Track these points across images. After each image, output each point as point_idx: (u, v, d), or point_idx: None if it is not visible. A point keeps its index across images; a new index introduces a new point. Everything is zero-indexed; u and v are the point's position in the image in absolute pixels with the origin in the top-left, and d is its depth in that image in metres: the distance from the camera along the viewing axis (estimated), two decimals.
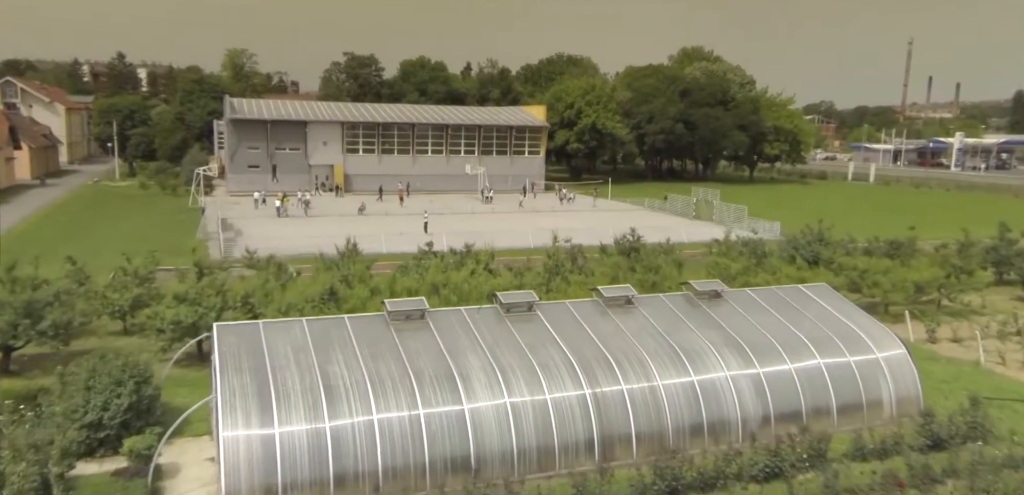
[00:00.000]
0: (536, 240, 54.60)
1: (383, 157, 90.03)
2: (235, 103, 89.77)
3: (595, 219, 69.18)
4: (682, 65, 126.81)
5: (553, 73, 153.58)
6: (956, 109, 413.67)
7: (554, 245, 37.70)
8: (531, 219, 68.21)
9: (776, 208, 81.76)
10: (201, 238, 53.70)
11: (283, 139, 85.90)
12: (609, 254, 41.98)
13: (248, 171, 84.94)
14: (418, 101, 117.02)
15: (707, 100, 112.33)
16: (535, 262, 46.94)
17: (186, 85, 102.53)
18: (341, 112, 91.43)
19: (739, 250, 42.72)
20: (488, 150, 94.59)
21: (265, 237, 54.36)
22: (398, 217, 67.59)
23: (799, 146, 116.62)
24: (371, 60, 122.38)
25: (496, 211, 73.75)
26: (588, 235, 58.30)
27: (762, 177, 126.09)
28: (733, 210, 65.86)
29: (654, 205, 78.29)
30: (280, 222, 62.92)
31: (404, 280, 29.73)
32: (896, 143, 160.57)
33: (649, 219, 70.33)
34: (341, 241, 54.73)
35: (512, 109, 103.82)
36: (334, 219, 65.30)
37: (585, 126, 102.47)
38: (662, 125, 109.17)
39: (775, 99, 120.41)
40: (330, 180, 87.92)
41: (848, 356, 23.37)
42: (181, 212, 68.18)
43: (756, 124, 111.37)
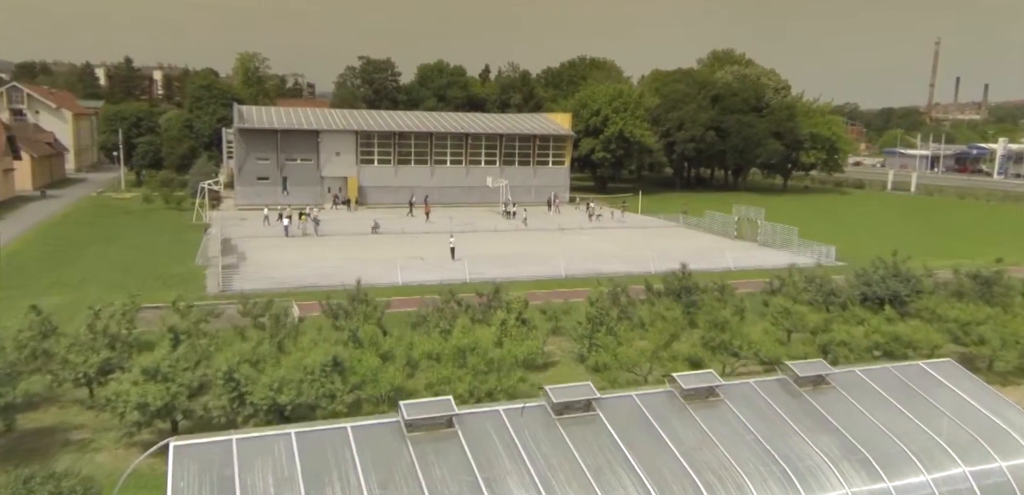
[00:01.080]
0: (570, 266, 49.38)
1: (399, 168, 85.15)
2: (244, 111, 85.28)
3: (628, 239, 63.84)
4: (712, 69, 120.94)
5: (575, 77, 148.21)
6: (985, 110, 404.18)
7: (596, 291, 32.34)
8: (560, 239, 63.00)
9: (820, 224, 76.07)
10: (200, 264, 48.98)
11: (294, 149, 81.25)
12: (657, 294, 36.68)
13: (257, 183, 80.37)
14: (436, 107, 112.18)
15: (740, 106, 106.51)
16: (572, 297, 41.82)
17: (195, 91, 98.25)
18: (355, 120, 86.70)
19: (803, 286, 37.31)
20: (510, 160, 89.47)
21: (269, 264, 49.56)
22: (416, 236, 62.60)
23: (837, 154, 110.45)
24: (387, 64, 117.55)
25: (521, 229, 68.58)
26: (626, 261, 53.09)
27: (795, 186, 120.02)
28: (780, 230, 60.22)
29: (689, 222, 72.77)
30: (287, 243, 58.14)
31: (423, 342, 24.63)
32: (933, 148, 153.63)
33: (686, 239, 64.91)
34: (352, 269, 49.98)
35: (535, 117, 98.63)
36: (346, 239, 60.42)
37: (611, 134, 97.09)
38: (693, 133, 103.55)
39: (812, 104, 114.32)
40: (343, 193, 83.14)
41: (999, 461, 18.04)
42: (184, 230, 63.61)
43: (792, 132, 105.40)
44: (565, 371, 30.11)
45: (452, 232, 51.74)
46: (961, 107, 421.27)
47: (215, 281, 42.72)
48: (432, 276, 46.14)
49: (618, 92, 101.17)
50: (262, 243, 57.52)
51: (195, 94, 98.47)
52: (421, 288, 43.60)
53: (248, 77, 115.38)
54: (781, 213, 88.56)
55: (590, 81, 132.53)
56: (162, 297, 40.04)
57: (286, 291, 41.93)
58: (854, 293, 38.10)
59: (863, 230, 74.21)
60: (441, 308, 31.56)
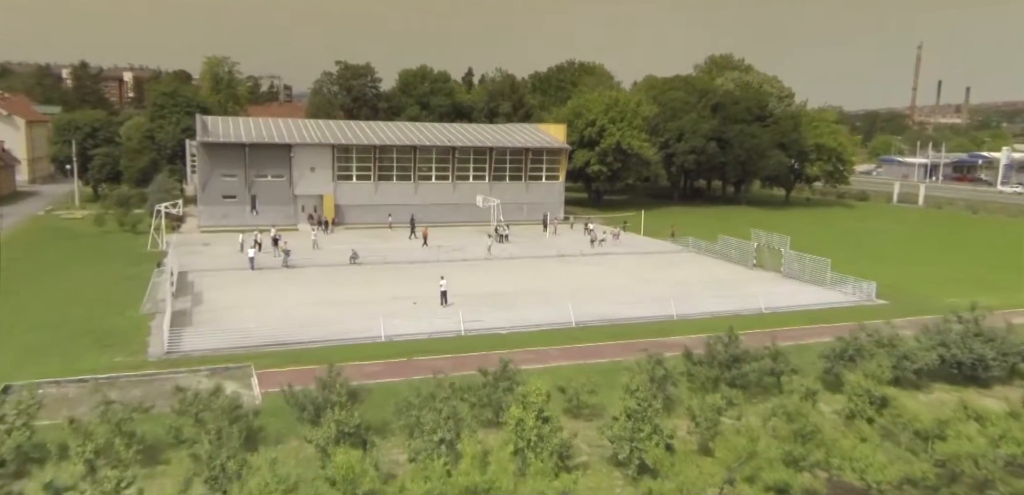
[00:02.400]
0: (578, 308, 42.52)
1: (380, 185, 77.95)
2: (208, 123, 77.63)
3: (637, 269, 57.19)
4: (711, 76, 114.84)
5: (564, 82, 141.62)
6: (966, 113, 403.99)
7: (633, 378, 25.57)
8: (561, 269, 56.19)
9: (837, 246, 70.06)
10: (147, 311, 41.56)
11: (264, 165, 73.78)
12: (697, 363, 30.01)
13: (223, 203, 72.82)
14: (419, 116, 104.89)
15: (742, 115, 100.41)
16: (589, 356, 35.02)
17: (157, 99, 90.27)
18: (332, 132, 79.34)
19: (870, 350, 30.80)
20: (500, 175, 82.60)
21: (229, 309, 42.27)
22: (399, 268, 55.50)
23: (843, 166, 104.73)
24: (366, 70, 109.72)
25: (517, 256, 61.69)
26: (640, 299, 46.28)
27: (797, 199, 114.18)
28: (808, 261, 53.85)
29: (700, 247, 66.31)
30: (252, 279, 50.80)
31: (418, 485, 17.65)
32: (932, 156, 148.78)
33: (701, 268, 58.43)
34: (326, 315, 42.61)
35: (527, 128, 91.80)
36: (321, 273, 53.18)
37: (608, 146, 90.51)
38: (693, 143, 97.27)
39: (817, 113, 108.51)
40: (318, 212, 75.80)
41: None
42: (136, 260, 56.02)
43: (797, 143, 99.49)
44: (599, 478, 23.43)
45: (443, 276, 44.73)
46: (942, 110, 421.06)
47: (161, 338, 35.42)
48: (420, 327, 39.17)
49: (614, 100, 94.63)
50: (223, 279, 50.14)
51: (157, 102, 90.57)
52: (408, 345, 36.63)
53: (217, 83, 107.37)
54: (788, 230, 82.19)
55: (581, 87, 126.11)
56: (92, 363, 32.85)
57: (246, 351, 34.84)
58: (930, 357, 31.74)
59: (888, 255, 68.23)
60: (436, 398, 24.59)
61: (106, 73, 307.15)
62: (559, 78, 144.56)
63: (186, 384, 30.69)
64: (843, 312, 45.44)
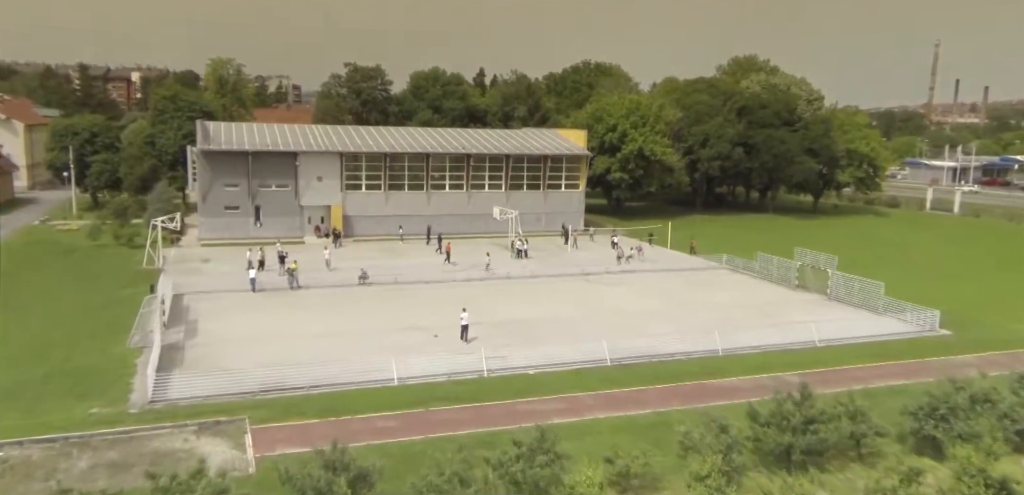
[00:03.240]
0: (613, 341, 38.02)
1: (391, 195, 73.75)
2: (210, 129, 73.65)
3: (670, 290, 52.68)
4: (735, 77, 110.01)
5: (580, 84, 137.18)
6: (983, 112, 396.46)
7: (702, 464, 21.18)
8: (588, 291, 51.77)
9: (875, 260, 65.80)
10: (135, 345, 37.49)
11: (268, 174, 69.70)
12: (765, 425, 25.60)
13: (225, 214, 68.81)
14: (431, 120, 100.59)
15: (770, 120, 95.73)
16: (628, 406, 30.63)
17: (158, 102, 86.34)
18: (339, 139, 75.18)
19: (966, 409, 26.34)
20: (517, 184, 78.25)
21: (225, 343, 38.13)
22: (412, 290, 51.26)
23: (875, 173, 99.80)
24: (376, 72, 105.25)
25: (538, 275, 57.32)
26: (680, 329, 40.73)
27: (824, 206, 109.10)
28: (857, 285, 49.26)
29: (735, 265, 61.79)
30: (253, 304, 46.67)
31: None
32: (962, 159, 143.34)
33: (739, 290, 53.89)
34: (333, 350, 38.03)
35: (545, 133, 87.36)
36: (328, 296, 49.00)
37: (630, 152, 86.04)
38: (718, 149, 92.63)
39: (847, 116, 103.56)
40: (326, 224, 71.72)
41: None
42: (130, 280, 52.02)
43: (829, 148, 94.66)
44: None
45: (465, 308, 40.39)
46: (960, 108, 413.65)
47: (145, 383, 31.27)
48: (438, 366, 34.87)
49: (635, 104, 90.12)
50: (222, 304, 46.04)
51: (158, 106, 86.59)
52: (425, 390, 32.41)
53: (222, 85, 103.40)
54: (820, 242, 77.93)
55: (598, 90, 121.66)
56: (64, 417, 28.76)
57: (241, 399, 30.74)
58: None
59: (938, 271, 63.59)
60: (461, 475, 20.35)
61: (114, 73, 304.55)
62: (574, 79, 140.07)
63: (168, 447, 26.63)
64: (906, 345, 40.96)
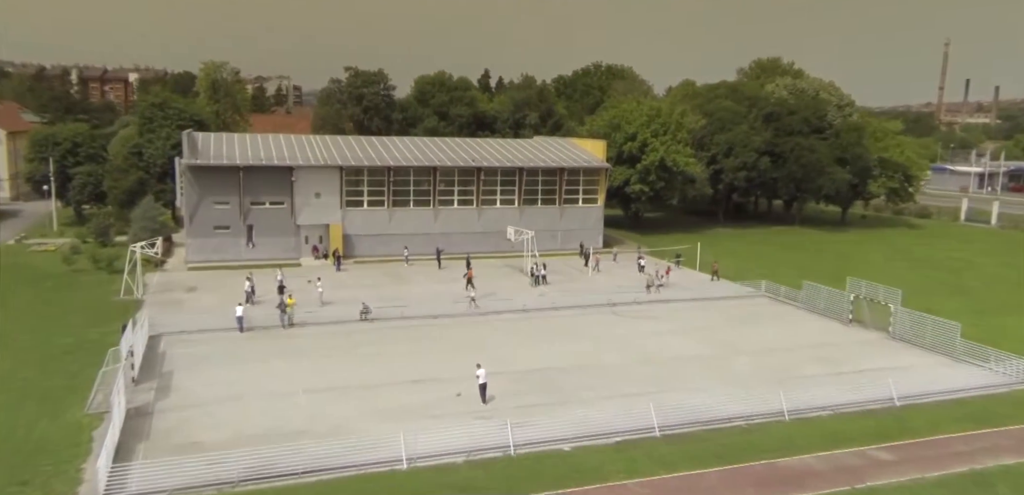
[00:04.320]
0: (657, 401, 32.09)
1: (395, 212, 67.94)
2: (199, 141, 67.94)
3: (710, 327, 46.62)
4: (759, 81, 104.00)
5: (591, 87, 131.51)
6: (994, 113, 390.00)
7: None
8: (617, 329, 45.80)
9: (923, 283, 60.15)
10: (95, 410, 31.70)
11: (262, 190, 63.94)
12: None
13: (214, 234, 63.05)
14: (437, 128, 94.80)
15: (799, 127, 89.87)
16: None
17: (145, 110, 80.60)
18: (339, 151, 69.32)
19: None
20: (532, 198, 72.41)
21: (203, 405, 32.27)
22: (422, 329, 45.43)
23: (910, 183, 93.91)
24: (379, 76, 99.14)
25: (560, 306, 51.40)
26: (730, 379, 32.73)
27: (851, 217, 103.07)
28: (930, 326, 43.33)
29: (775, 292, 55.94)
30: (239, 348, 40.86)
31: None
32: (989, 165, 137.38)
33: (786, 325, 48.01)
34: (331, 415, 32.16)
35: (560, 143, 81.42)
36: (324, 338, 43.16)
37: (651, 163, 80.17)
38: (744, 159, 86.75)
39: (880, 123, 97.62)
40: (324, 244, 65.95)
41: None
42: (102, 315, 46.27)
43: (861, 157, 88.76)
44: None
45: (480, 366, 34.54)
46: (967, 108, 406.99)
47: (98, 474, 25.42)
48: (455, 441, 29.04)
49: (656, 111, 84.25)
50: (204, 349, 40.25)
51: (146, 114, 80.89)
52: (440, 476, 26.64)
53: (215, 91, 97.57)
54: (857, 261, 72.57)
55: (611, 94, 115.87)
56: None
57: (217, 491, 24.98)
58: None
59: (1001, 301, 57.52)
60: None
61: (111, 74, 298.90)
62: (585, 82, 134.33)
63: None
64: (1003, 403, 35.13)
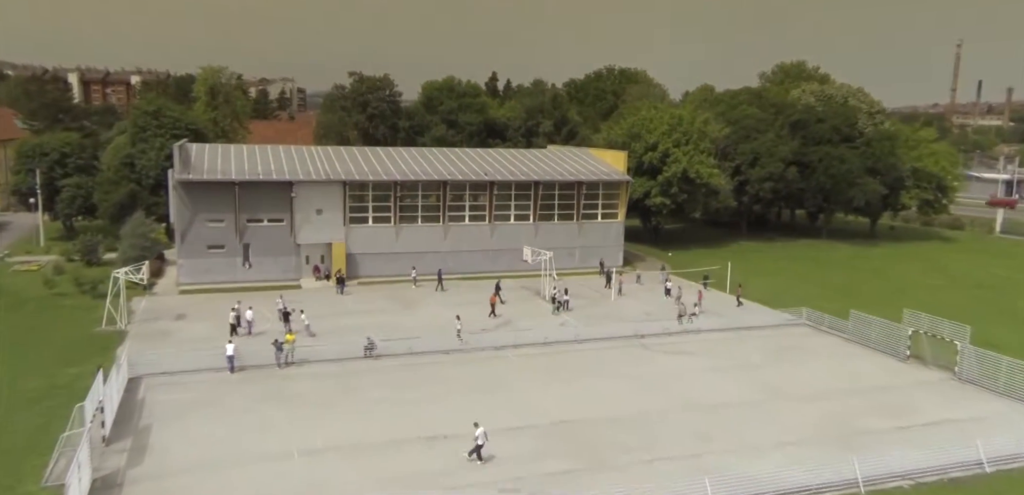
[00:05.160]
0: (706, 464, 27.39)
1: (402, 229, 63.39)
2: (192, 153, 63.56)
3: (751, 366, 41.78)
4: (784, 87, 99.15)
5: (604, 91, 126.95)
6: (1007, 114, 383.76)
7: None
8: (651, 366, 41.07)
9: (972, 305, 55.24)
10: (52, 483, 27.20)
11: (259, 207, 59.46)
12: None
13: (207, 255, 58.65)
14: (446, 136, 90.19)
15: (828, 136, 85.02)
16: None
17: (139, 118, 76.17)
18: (343, 164, 64.75)
19: None
20: (548, 214, 67.76)
21: (181, 473, 27.62)
22: (433, 369, 40.82)
23: (944, 194, 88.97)
24: (384, 82, 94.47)
25: (583, 340, 46.63)
26: (795, 451, 31.64)
27: (880, 229, 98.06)
28: (1004, 367, 38.55)
29: (818, 321, 51.15)
30: (227, 395, 36.29)
31: None
32: (1017, 171, 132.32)
33: (835, 360, 43.25)
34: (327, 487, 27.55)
35: (577, 154, 76.70)
36: (324, 380, 38.57)
37: (674, 175, 75.43)
38: (770, 169, 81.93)
39: (913, 131, 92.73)
40: (326, 265, 61.43)
41: None
42: (81, 350, 41.82)
43: (894, 167, 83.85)
44: None
45: (479, 428, 29.79)
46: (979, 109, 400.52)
47: None
48: None
49: (677, 119, 79.51)
50: (188, 395, 35.71)
51: (139, 123, 76.44)
52: None
53: (214, 97, 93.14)
54: (894, 278, 68.04)
55: (626, 99, 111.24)
56: None
57: None
58: None
59: None
60: None
61: (113, 76, 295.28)
62: (597, 86, 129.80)
63: None
64: None
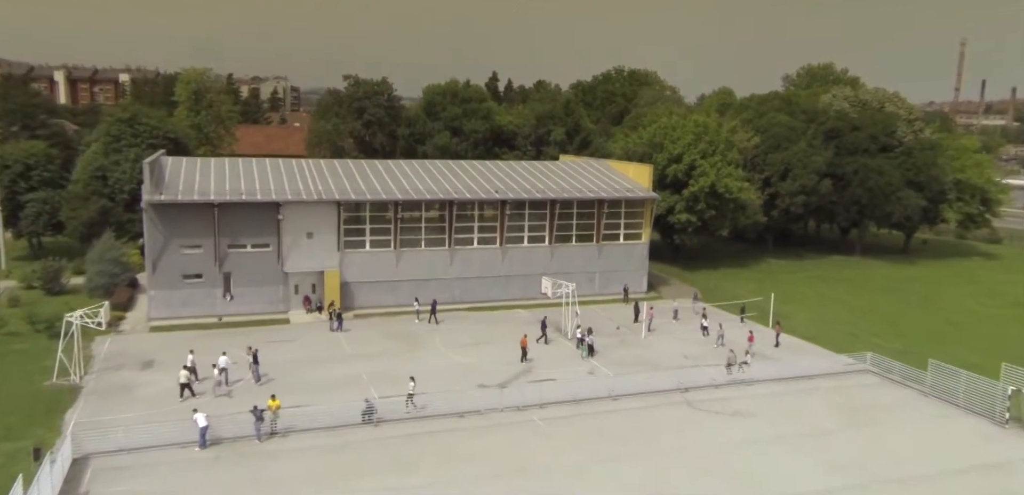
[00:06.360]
0: None
1: (403, 253, 56.52)
2: (167, 168, 56.46)
3: (827, 431, 34.85)
4: (812, 91, 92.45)
5: (613, 93, 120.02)
6: (1011, 113, 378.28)
7: None
8: (706, 436, 34.21)
9: None
10: None
11: (242, 230, 52.49)
12: None
13: (183, 285, 51.70)
14: (449, 145, 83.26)
15: (864, 144, 78.37)
16: None
17: (112, 127, 69.08)
18: (336, 180, 57.72)
19: None
20: (565, 235, 60.98)
21: None
22: (444, 437, 33.95)
23: (988, 208, 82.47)
24: (382, 86, 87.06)
25: (618, 396, 39.77)
26: None
27: (914, 244, 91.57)
28: None
29: (885, 368, 44.41)
30: (197, 485, 29.36)
31: None
32: None
33: (920, 423, 36.34)
34: None
35: (595, 166, 69.80)
36: (312, 459, 31.64)
37: (701, 189, 68.69)
38: (803, 182, 75.26)
39: (954, 140, 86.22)
40: (318, 296, 54.50)
41: None
42: (23, 412, 34.86)
43: (937, 180, 77.28)
44: None
45: None
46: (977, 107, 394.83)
47: None
48: None
49: (703, 127, 72.76)
50: (145, 485, 28.77)
51: (112, 132, 69.39)
52: None
53: (197, 102, 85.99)
54: (944, 305, 61.07)
55: (639, 103, 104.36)
56: None
57: None
58: None
59: None
60: None
61: (101, 74, 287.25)
62: (606, 88, 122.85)
63: None
64: None
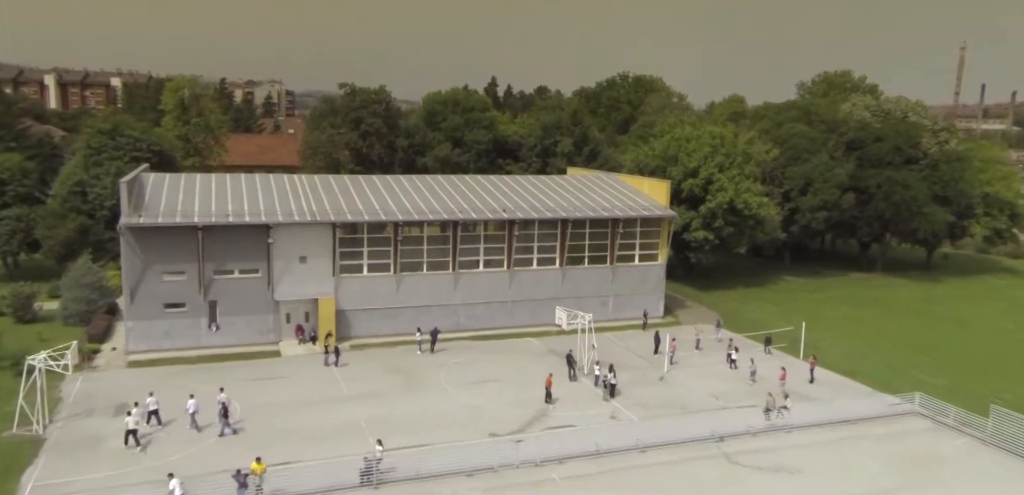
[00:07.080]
0: None
1: (404, 278, 52.34)
2: (149, 187, 52.12)
3: (883, 489, 30.98)
4: (830, 100, 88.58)
5: (618, 100, 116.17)
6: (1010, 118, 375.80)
7: None
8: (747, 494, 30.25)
9: None
10: None
11: (228, 255, 48.24)
12: None
13: (165, 315, 47.44)
14: (451, 157, 79.12)
15: (888, 156, 74.51)
16: None
17: (93, 140, 64.84)
18: (332, 200, 53.45)
19: None
20: (577, 256, 56.89)
21: None
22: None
23: (1015, 222, 78.74)
24: (380, 94, 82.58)
25: (646, 447, 35.63)
26: None
27: (935, 259, 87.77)
28: None
29: (939, 410, 40.43)
30: None
31: None
32: None
33: (980, 477, 32.36)
34: None
35: (606, 181, 65.69)
36: None
37: (719, 205, 64.71)
38: (825, 197, 71.36)
39: (979, 150, 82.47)
40: (312, 325, 50.28)
41: None
42: None
43: (964, 193, 73.47)
44: None
45: None
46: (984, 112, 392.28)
47: None
48: None
49: (719, 139, 68.80)
50: None
51: (92, 144, 65.17)
52: None
53: (184, 111, 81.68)
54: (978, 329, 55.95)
55: (646, 111, 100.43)
56: None
57: None
58: None
59: None
60: None
61: (92, 78, 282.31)
62: (610, 95, 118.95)
63: None
64: None
